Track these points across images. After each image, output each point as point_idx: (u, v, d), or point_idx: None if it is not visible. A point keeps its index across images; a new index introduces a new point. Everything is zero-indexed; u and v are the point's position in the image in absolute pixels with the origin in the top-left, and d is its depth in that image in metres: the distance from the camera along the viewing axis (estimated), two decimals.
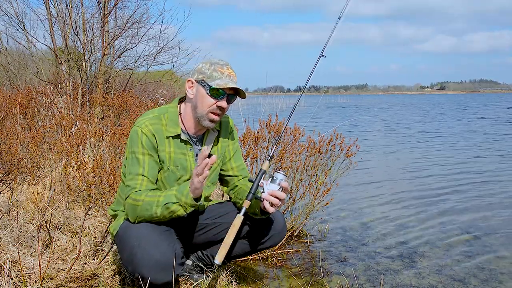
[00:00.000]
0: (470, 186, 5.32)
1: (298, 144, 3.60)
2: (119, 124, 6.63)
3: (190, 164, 2.11)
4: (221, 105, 2.01)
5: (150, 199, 1.93)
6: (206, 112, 2.02)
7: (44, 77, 8.82)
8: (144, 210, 1.93)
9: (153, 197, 1.93)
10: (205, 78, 2.01)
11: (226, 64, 2.06)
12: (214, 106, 2.01)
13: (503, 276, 2.72)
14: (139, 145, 2.01)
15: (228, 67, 2.05)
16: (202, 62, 2.08)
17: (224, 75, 2.01)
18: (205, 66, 2.03)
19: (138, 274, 1.89)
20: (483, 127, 14.31)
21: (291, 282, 2.57)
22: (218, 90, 1.99)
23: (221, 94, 2.00)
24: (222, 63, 2.04)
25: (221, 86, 1.97)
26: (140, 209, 1.94)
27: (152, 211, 1.91)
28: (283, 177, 1.98)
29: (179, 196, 1.88)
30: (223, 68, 2.02)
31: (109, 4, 8.20)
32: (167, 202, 1.89)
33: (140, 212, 1.95)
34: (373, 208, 4.38)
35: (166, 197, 1.90)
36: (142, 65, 9.40)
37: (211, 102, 2.01)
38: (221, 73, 2.01)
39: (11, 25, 8.68)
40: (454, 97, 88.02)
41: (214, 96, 2.00)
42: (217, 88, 1.98)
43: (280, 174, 1.98)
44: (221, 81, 1.99)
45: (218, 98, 2.01)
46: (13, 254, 2.43)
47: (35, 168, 4.08)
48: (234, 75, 2.05)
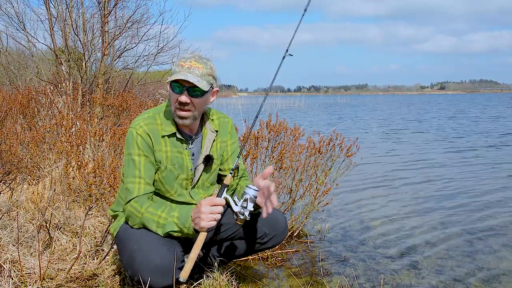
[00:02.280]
0: (470, 186, 5.32)
1: (298, 144, 3.60)
2: (119, 124, 6.64)
3: (187, 163, 2.10)
4: (180, 99, 1.94)
5: (151, 216, 1.94)
6: (174, 109, 1.99)
7: (44, 77, 8.82)
8: (145, 222, 1.96)
9: (154, 215, 1.94)
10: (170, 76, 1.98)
11: (193, 56, 1.98)
12: (178, 103, 1.96)
13: (503, 276, 2.72)
14: (134, 147, 2.01)
15: (193, 60, 1.95)
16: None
17: (183, 68, 1.92)
18: (174, 64, 2.01)
19: (138, 277, 1.89)
20: (485, 127, 14.30)
21: (291, 282, 2.57)
22: (173, 84, 1.94)
23: (180, 89, 1.94)
24: (187, 57, 1.97)
25: (171, 79, 1.92)
26: (140, 221, 1.97)
27: (153, 229, 1.95)
28: (254, 193, 1.86)
29: (181, 227, 1.89)
30: (185, 62, 1.94)
31: (109, 4, 8.20)
32: (169, 230, 1.91)
33: (140, 223, 1.98)
34: (373, 208, 4.37)
35: (168, 224, 1.91)
36: (142, 65, 9.42)
37: (174, 98, 1.97)
38: (181, 67, 1.93)
39: (11, 25, 8.70)
40: (454, 97, 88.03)
41: (175, 91, 1.96)
42: (170, 83, 1.94)
43: (250, 189, 1.87)
44: (175, 75, 1.92)
45: (178, 93, 1.95)
46: (13, 254, 2.43)
47: (35, 168, 4.08)
48: (199, 67, 1.93)
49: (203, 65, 1.96)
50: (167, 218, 1.91)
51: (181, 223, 1.88)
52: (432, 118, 19.66)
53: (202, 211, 1.82)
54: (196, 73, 1.93)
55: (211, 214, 1.81)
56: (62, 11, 8.01)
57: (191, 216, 1.87)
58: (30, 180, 3.95)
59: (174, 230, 1.90)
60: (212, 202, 1.83)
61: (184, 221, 1.88)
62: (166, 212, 1.93)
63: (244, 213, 1.86)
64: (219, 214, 1.83)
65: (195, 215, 1.85)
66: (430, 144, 9.94)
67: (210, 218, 1.81)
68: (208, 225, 1.81)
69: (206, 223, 1.81)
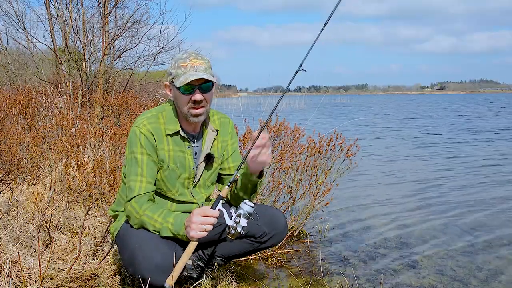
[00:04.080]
0: (470, 186, 5.32)
1: (298, 144, 3.60)
2: (119, 124, 6.64)
3: (189, 162, 2.11)
4: (195, 99, 1.99)
5: (148, 220, 1.96)
6: (187, 110, 2.02)
7: (44, 77, 8.82)
8: (143, 224, 1.98)
9: (150, 219, 1.95)
10: (174, 79, 2.00)
11: (189, 55, 2.01)
12: (191, 102, 2.00)
13: (503, 276, 2.72)
14: (137, 145, 2.02)
15: (192, 58, 1.99)
16: (171, 61, 2.07)
17: (187, 69, 1.97)
18: (171, 66, 2.03)
19: (139, 276, 1.89)
20: (487, 127, 14.31)
21: (291, 282, 2.57)
22: (185, 87, 1.97)
23: (191, 89, 1.98)
24: (184, 56, 2.00)
25: (183, 82, 1.95)
26: (139, 221, 1.99)
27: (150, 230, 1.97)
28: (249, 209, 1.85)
29: (175, 234, 1.91)
30: (185, 62, 1.98)
31: (109, 4, 8.20)
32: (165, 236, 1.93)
33: (139, 223, 2.00)
34: (373, 208, 4.38)
35: (163, 230, 1.93)
36: (142, 65, 9.42)
37: (186, 99, 2.00)
38: (184, 68, 1.97)
39: (11, 25, 8.69)
40: (454, 97, 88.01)
41: (186, 93, 1.99)
42: (183, 86, 1.97)
43: (246, 205, 1.86)
44: (184, 77, 1.96)
45: (190, 93, 1.99)
46: (13, 254, 2.43)
47: (35, 168, 4.08)
48: (201, 63, 1.98)
49: (202, 60, 2.00)
50: (163, 224, 1.93)
51: (175, 230, 1.90)
52: (431, 117, 19.66)
53: (193, 221, 1.82)
54: (201, 69, 1.98)
55: (201, 225, 1.81)
56: (62, 11, 8.02)
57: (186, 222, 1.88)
58: (30, 180, 3.95)
59: (169, 236, 1.92)
60: (205, 213, 1.83)
61: (178, 229, 1.89)
62: (162, 217, 1.94)
63: (237, 228, 1.84)
64: (211, 226, 1.83)
65: (187, 224, 1.86)
66: (430, 144, 9.94)
67: (200, 229, 1.81)
68: (197, 235, 1.82)
69: (196, 233, 1.82)
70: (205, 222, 1.82)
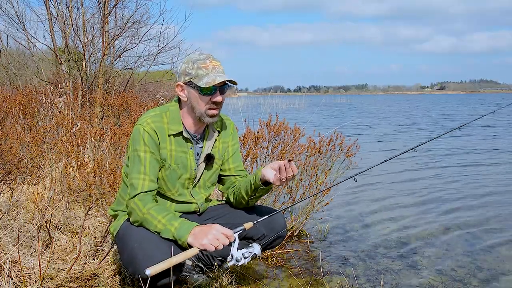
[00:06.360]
0: (471, 186, 5.32)
1: (298, 144, 3.60)
2: (120, 124, 6.64)
3: (190, 163, 2.11)
4: (216, 100, 2.01)
5: (151, 219, 1.94)
6: (205, 110, 2.03)
7: (44, 77, 8.82)
8: (145, 223, 1.97)
9: (154, 218, 1.94)
10: (192, 79, 2.00)
11: (207, 56, 2.03)
12: (210, 103, 2.02)
13: (503, 276, 2.72)
14: (141, 143, 2.02)
15: (211, 59, 2.02)
16: (184, 62, 2.06)
17: (209, 70, 1.99)
18: (188, 66, 2.02)
19: (139, 275, 1.89)
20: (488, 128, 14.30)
21: (291, 282, 2.57)
22: (209, 88, 1.99)
23: (213, 90, 2.00)
24: (203, 58, 2.02)
25: (210, 83, 1.96)
26: (141, 219, 1.98)
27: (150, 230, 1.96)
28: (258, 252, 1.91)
29: (176, 238, 1.89)
30: (206, 63, 2.00)
31: (109, 4, 8.20)
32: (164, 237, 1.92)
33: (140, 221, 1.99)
34: (373, 208, 4.38)
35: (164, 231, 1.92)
36: (142, 65, 9.42)
37: (206, 100, 2.02)
38: (206, 69, 1.99)
39: (11, 25, 8.69)
40: (453, 97, 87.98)
41: (206, 94, 2.00)
42: (207, 87, 1.98)
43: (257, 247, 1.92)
44: (208, 78, 1.98)
45: (211, 94, 2.01)
46: (13, 254, 2.43)
47: (35, 168, 4.08)
48: (219, 65, 2.02)
49: (219, 61, 2.05)
50: (166, 225, 1.92)
51: (178, 236, 1.89)
52: (431, 117, 19.66)
53: (213, 233, 1.83)
54: (221, 71, 2.03)
55: (217, 240, 1.82)
56: (62, 11, 8.02)
57: (194, 230, 1.86)
58: (30, 180, 3.95)
59: (169, 238, 1.91)
60: (226, 233, 1.85)
61: (181, 235, 1.88)
62: (167, 219, 1.93)
63: (238, 262, 1.88)
64: (222, 245, 1.84)
65: (201, 231, 1.85)
66: (430, 144, 9.94)
67: (214, 243, 1.82)
68: (208, 247, 1.81)
69: (208, 243, 1.81)
70: (221, 240, 1.82)
